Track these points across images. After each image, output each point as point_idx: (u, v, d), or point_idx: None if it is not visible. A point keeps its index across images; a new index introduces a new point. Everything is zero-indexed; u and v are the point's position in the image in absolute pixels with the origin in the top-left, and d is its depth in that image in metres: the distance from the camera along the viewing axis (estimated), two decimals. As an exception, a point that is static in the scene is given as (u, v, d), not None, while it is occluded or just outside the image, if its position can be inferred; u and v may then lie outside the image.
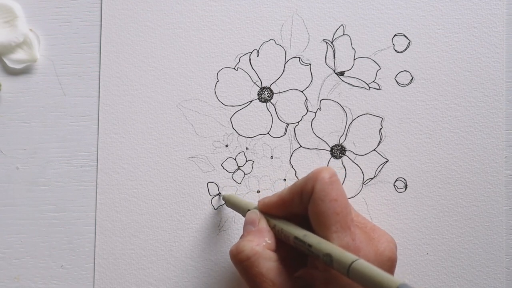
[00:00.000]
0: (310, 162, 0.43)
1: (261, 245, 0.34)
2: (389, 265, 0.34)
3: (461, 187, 0.42)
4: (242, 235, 0.36)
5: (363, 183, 0.43)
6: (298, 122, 0.43)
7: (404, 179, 0.43)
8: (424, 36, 0.43)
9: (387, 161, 0.43)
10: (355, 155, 0.43)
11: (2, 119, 0.43)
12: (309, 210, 0.34)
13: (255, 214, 0.36)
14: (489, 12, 0.43)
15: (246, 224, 0.36)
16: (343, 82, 0.43)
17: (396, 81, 0.43)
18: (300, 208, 0.35)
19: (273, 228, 0.35)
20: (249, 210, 0.37)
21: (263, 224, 0.35)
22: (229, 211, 0.42)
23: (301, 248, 0.33)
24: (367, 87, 0.43)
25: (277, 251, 0.34)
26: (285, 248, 0.35)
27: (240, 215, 0.40)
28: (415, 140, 0.43)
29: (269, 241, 0.34)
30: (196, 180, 0.43)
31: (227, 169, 0.43)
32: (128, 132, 0.43)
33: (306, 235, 0.33)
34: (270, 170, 0.43)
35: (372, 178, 0.43)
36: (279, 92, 0.43)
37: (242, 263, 0.33)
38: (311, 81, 0.43)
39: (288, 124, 0.43)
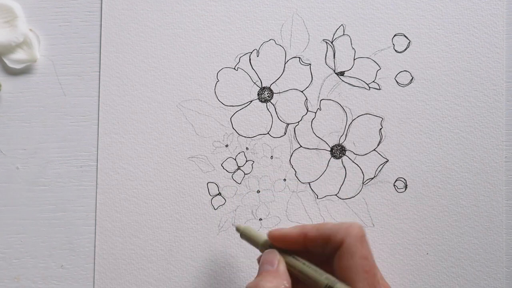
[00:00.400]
0: (310, 162, 0.43)
1: (279, 286, 0.34)
2: None
3: (461, 187, 0.42)
4: (259, 274, 0.36)
5: (363, 183, 0.43)
6: (298, 122, 0.43)
7: (404, 179, 0.43)
8: (424, 36, 0.43)
9: (387, 161, 0.43)
10: (355, 155, 0.43)
11: (2, 119, 0.43)
12: (335, 262, 0.34)
13: (274, 255, 0.36)
14: (489, 12, 0.43)
15: (263, 263, 0.36)
16: (343, 82, 0.43)
17: (396, 81, 0.43)
18: (319, 251, 0.35)
19: (290, 267, 0.36)
20: (264, 245, 0.38)
21: (281, 266, 0.35)
22: (229, 211, 0.42)
23: None
24: (367, 87, 0.43)
25: None
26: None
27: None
28: (415, 140, 0.43)
29: (287, 285, 0.34)
30: (196, 180, 0.43)
31: (227, 169, 0.43)
32: (128, 132, 0.43)
33: (338, 284, 0.33)
34: (270, 170, 0.43)
35: (372, 178, 0.43)
36: (279, 92, 0.43)
37: None
38: (311, 81, 0.43)
39: (288, 124, 0.43)
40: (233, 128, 0.43)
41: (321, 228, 0.36)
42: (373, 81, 0.43)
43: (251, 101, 0.43)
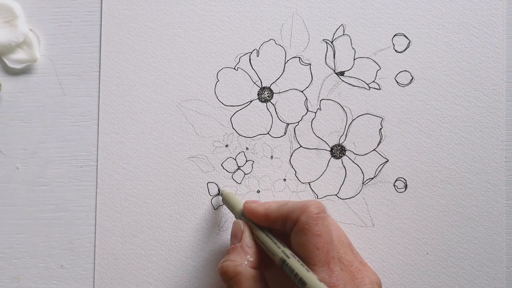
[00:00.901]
0: (310, 162, 0.43)
1: (243, 264, 0.35)
2: None
3: (461, 187, 0.42)
4: (228, 250, 0.37)
5: (363, 183, 0.43)
6: (298, 122, 0.43)
7: (404, 179, 0.43)
8: (424, 36, 0.43)
9: (387, 161, 0.43)
10: (355, 155, 0.43)
11: (2, 119, 0.43)
12: (291, 238, 0.35)
13: (239, 226, 0.38)
14: (489, 12, 0.43)
15: (231, 236, 0.38)
16: (343, 82, 0.43)
17: (396, 81, 0.43)
18: (281, 229, 0.36)
19: (257, 238, 0.37)
20: (238, 214, 0.39)
21: (246, 239, 0.37)
22: (229, 211, 0.42)
23: (281, 266, 0.34)
24: (367, 87, 0.43)
25: (259, 265, 0.36)
26: (267, 261, 0.37)
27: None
28: (415, 140, 0.43)
29: (250, 259, 0.36)
30: (196, 180, 0.43)
31: (227, 169, 0.43)
32: (128, 132, 0.43)
33: (290, 259, 0.34)
34: (270, 170, 0.43)
35: (372, 178, 0.43)
36: (279, 92, 0.43)
37: (227, 282, 0.35)
38: (311, 81, 0.43)
39: (288, 124, 0.43)
40: (233, 128, 0.43)
41: (281, 209, 0.36)
42: (373, 81, 0.43)
43: (251, 101, 0.43)
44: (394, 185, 0.43)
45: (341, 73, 0.43)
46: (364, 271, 0.37)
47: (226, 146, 0.43)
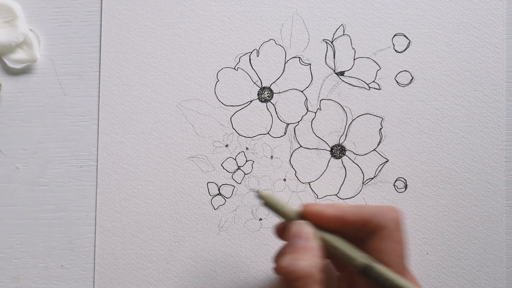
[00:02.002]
0: (310, 162, 0.43)
1: (314, 266, 0.32)
2: None
3: (461, 187, 0.42)
4: (291, 249, 0.33)
5: (363, 183, 0.43)
6: (298, 122, 0.43)
7: (404, 179, 0.43)
8: (424, 36, 0.43)
9: (387, 161, 0.43)
10: (355, 155, 0.43)
11: (2, 119, 0.43)
12: (371, 244, 0.34)
13: (306, 228, 0.34)
14: (489, 12, 0.43)
15: (295, 237, 0.34)
16: (343, 82, 0.43)
17: (396, 81, 0.43)
18: (355, 233, 0.34)
19: (326, 243, 0.34)
20: (295, 219, 0.35)
21: (315, 242, 0.33)
22: (229, 211, 0.42)
23: (360, 273, 0.33)
24: (367, 87, 0.43)
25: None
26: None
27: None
28: (415, 140, 0.43)
29: (320, 264, 0.33)
30: (196, 180, 0.43)
31: (227, 169, 0.43)
32: (128, 132, 0.43)
33: (377, 265, 0.33)
34: (270, 170, 0.43)
35: (372, 178, 0.43)
36: (279, 92, 0.43)
37: (294, 282, 0.32)
38: (311, 81, 0.43)
39: (288, 124, 0.43)
40: (233, 128, 0.43)
41: (359, 212, 0.34)
42: (373, 81, 0.43)
43: (251, 101, 0.43)
44: (394, 185, 0.43)
45: (341, 73, 0.43)
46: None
47: (226, 146, 0.43)
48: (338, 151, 0.43)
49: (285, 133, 0.43)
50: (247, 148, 0.43)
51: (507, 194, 0.42)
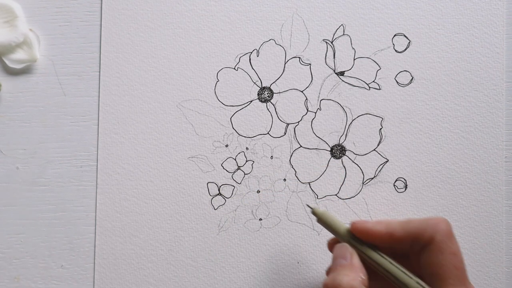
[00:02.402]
0: (310, 162, 0.43)
1: (357, 280, 0.33)
2: None
3: (461, 187, 0.42)
4: (333, 268, 0.35)
5: (363, 183, 0.43)
6: (298, 122, 0.43)
7: (404, 179, 0.43)
8: (424, 36, 0.43)
9: (387, 161, 0.43)
10: (355, 155, 0.43)
11: (2, 119, 0.43)
12: (423, 259, 0.34)
13: (346, 249, 0.35)
14: (489, 12, 0.43)
15: (336, 257, 0.35)
16: (343, 82, 0.43)
17: (396, 81, 0.43)
18: (405, 249, 0.35)
19: (367, 261, 0.35)
20: (345, 235, 0.36)
21: (355, 260, 0.35)
22: (229, 211, 0.42)
23: None
24: (367, 87, 0.43)
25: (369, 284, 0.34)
26: (376, 284, 0.35)
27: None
28: (415, 140, 0.43)
29: (363, 277, 0.34)
30: (196, 180, 0.43)
31: (227, 169, 0.43)
32: (128, 132, 0.43)
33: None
34: (270, 170, 0.43)
35: (372, 178, 0.43)
36: (279, 92, 0.43)
37: None
38: (311, 81, 0.43)
39: (288, 124, 0.43)
40: (233, 128, 0.43)
41: (408, 227, 0.34)
42: (373, 81, 0.43)
43: (251, 101, 0.43)
44: (394, 185, 0.43)
45: (341, 73, 0.43)
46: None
47: (226, 146, 0.43)
48: (338, 151, 0.43)
49: (285, 133, 0.43)
50: (247, 148, 0.43)
51: (507, 194, 0.42)
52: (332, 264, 0.35)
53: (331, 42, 0.43)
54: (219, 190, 0.43)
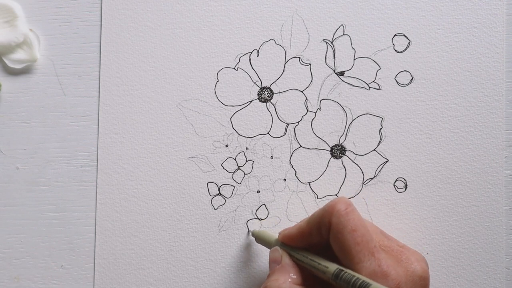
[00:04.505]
0: (310, 162, 0.43)
1: (287, 282, 0.34)
2: (422, 284, 0.35)
3: (461, 187, 0.42)
4: (270, 272, 0.36)
5: (363, 183, 0.43)
6: (298, 122, 0.43)
7: (404, 179, 0.43)
8: (424, 36, 0.43)
9: (387, 161, 0.43)
10: (355, 155, 0.43)
11: (2, 119, 0.43)
12: (331, 243, 0.34)
13: (277, 252, 0.37)
14: (489, 12, 0.43)
15: (270, 262, 0.37)
16: (343, 82, 0.43)
17: (396, 81, 0.43)
18: (320, 239, 0.35)
19: (298, 261, 0.36)
20: (276, 245, 0.38)
21: (285, 260, 0.36)
22: (229, 211, 0.42)
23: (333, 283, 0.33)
24: (367, 87, 0.43)
25: (304, 283, 0.35)
26: (311, 277, 0.35)
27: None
28: (415, 140, 0.43)
29: (294, 276, 0.35)
30: (196, 180, 0.43)
31: (227, 169, 0.43)
32: (128, 132, 0.43)
33: (342, 271, 0.33)
34: (270, 170, 0.43)
35: (372, 178, 0.43)
36: (279, 92, 0.43)
37: None
38: (311, 81, 0.43)
39: (288, 124, 0.43)
40: (233, 128, 0.43)
41: (311, 220, 0.36)
42: (373, 81, 0.43)
43: (251, 101, 0.43)
44: (394, 185, 0.43)
45: (341, 73, 0.43)
46: (405, 251, 0.36)
47: (226, 146, 0.43)
48: (338, 151, 0.43)
49: (285, 133, 0.43)
50: (247, 148, 0.43)
51: (507, 194, 0.42)
52: (269, 269, 0.37)
53: (331, 42, 0.43)
54: (219, 190, 0.43)
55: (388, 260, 0.33)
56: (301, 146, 0.43)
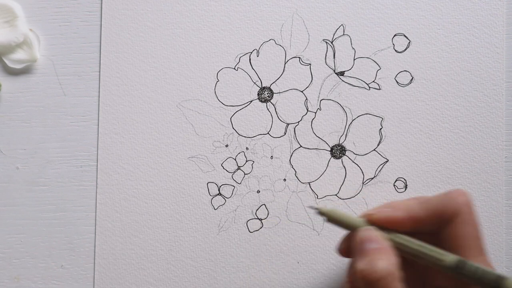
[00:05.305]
0: (310, 162, 0.43)
1: (393, 264, 0.31)
2: None
3: (461, 187, 0.42)
4: (362, 253, 0.32)
5: (363, 183, 0.43)
6: (298, 122, 0.43)
7: (404, 179, 0.43)
8: (424, 36, 0.43)
9: (387, 161, 0.43)
10: (355, 155, 0.43)
11: (2, 119, 0.43)
12: (446, 233, 0.33)
13: (374, 232, 0.33)
14: (489, 12, 0.43)
15: (364, 242, 0.33)
16: (343, 82, 0.43)
17: (396, 81, 0.43)
18: (432, 227, 0.33)
19: (400, 245, 0.33)
20: (360, 227, 0.34)
21: (387, 243, 0.33)
22: (229, 211, 0.42)
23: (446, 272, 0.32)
24: (367, 87, 0.43)
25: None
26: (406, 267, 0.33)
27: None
28: (415, 140, 0.43)
29: (396, 261, 0.32)
30: (196, 180, 0.43)
31: (227, 169, 0.43)
32: (128, 132, 0.43)
33: (466, 263, 0.31)
34: (270, 170, 0.43)
35: (372, 178, 0.43)
36: (279, 92, 0.43)
37: (376, 282, 0.30)
38: (311, 81, 0.43)
39: (288, 124, 0.43)
40: (233, 128, 0.43)
41: (428, 207, 0.33)
42: (373, 81, 0.43)
43: (251, 101, 0.43)
44: (394, 185, 0.43)
45: (341, 73, 0.43)
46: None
47: (226, 146, 0.43)
48: (338, 151, 0.43)
49: (285, 133, 0.43)
50: (247, 148, 0.43)
51: (507, 194, 0.42)
52: (358, 250, 0.32)
53: (331, 42, 0.43)
54: (219, 190, 0.43)
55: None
56: (301, 146, 0.43)
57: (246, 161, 0.43)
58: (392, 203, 0.35)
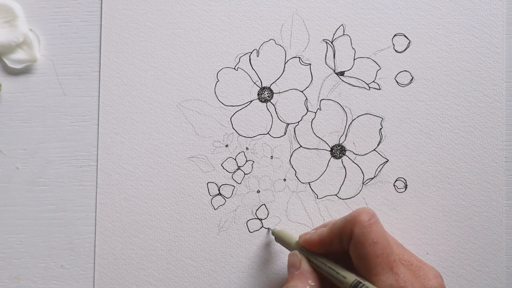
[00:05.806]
0: (310, 162, 0.43)
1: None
2: None
3: (461, 187, 0.42)
4: (286, 280, 0.37)
5: (363, 183, 0.43)
6: (298, 122, 0.43)
7: (404, 179, 0.43)
8: (424, 36, 0.43)
9: (387, 161, 0.43)
10: (355, 155, 0.43)
11: (2, 119, 0.43)
12: (350, 253, 0.34)
13: (296, 257, 0.37)
14: (489, 12, 0.43)
15: (288, 267, 0.37)
16: (343, 82, 0.43)
17: (396, 81, 0.43)
18: (340, 248, 0.35)
19: (317, 267, 0.36)
20: (296, 247, 0.38)
21: (304, 266, 0.36)
22: (229, 211, 0.42)
23: None
24: (367, 87, 0.43)
25: None
26: (329, 284, 0.36)
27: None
28: (415, 140, 0.43)
29: (312, 283, 0.35)
30: (196, 180, 0.43)
31: (227, 169, 0.43)
32: (128, 132, 0.43)
33: (361, 283, 0.33)
34: (270, 170, 0.43)
35: (372, 178, 0.43)
36: (279, 92, 0.43)
37: None
38: (311, 81, 0.43)
39: (288, 124, 0.43)
40: (233, 128, 0.43)
41: (333, 228, 0.36)
42: (373, 81, 0.43)
43: (251, 101, 0.43)
44: (394, 185, 0.43)
45: (341, 73, 0.43)
46: (424, 267, 0.36)
47: (226, 146, 0.43)
48: (338, 151, 0.43)
49: (285, 133, 0.43)
50: (247, 148, 0.43)
51: (507, 194, 0.42)
52: (288, 273, 0.37)
53: (331, 42, 0.43)
54: (219, 190, 0.43)
55: (406, 275, 0.33)
56: (301, 146, 0.43)
57: (246, 161, 0.43)
58: (324, 224, 0.38)
